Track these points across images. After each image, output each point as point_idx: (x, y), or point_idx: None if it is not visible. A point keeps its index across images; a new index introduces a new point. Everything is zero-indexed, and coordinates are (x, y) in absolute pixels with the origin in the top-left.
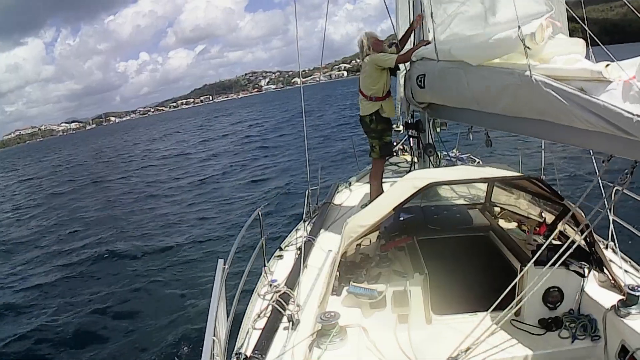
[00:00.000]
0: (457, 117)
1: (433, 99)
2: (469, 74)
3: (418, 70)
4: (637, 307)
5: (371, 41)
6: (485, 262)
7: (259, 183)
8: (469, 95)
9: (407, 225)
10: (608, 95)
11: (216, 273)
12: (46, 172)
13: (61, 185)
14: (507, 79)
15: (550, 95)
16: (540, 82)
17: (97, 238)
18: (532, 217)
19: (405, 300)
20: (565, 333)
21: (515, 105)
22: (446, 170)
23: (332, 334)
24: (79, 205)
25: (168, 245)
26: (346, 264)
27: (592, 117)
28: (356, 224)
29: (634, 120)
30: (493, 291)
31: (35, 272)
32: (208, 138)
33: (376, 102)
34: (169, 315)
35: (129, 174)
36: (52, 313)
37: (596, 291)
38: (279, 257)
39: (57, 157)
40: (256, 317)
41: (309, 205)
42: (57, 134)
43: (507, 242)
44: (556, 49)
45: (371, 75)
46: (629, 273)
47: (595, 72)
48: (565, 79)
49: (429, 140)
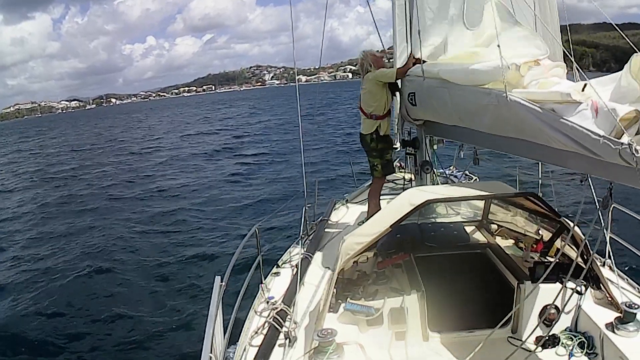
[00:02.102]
0: (449, 134)
1: (425, 116)
2: (452, 92)
3: (408, 88)
4: (633, 325)
5: (370, 58)
6: (482, 279)
7: (256, 199)
8: (454, 114)
9: (404, 243)
10: (578, 117)
11: (213, 290)
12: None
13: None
14: (486, 98)
15: (524, 116)
16: (514, 102)
17: (84, 251)
18: (529, 235)
19: (402, 318)
20: (562, 350)
21: (496, 124)
22: (443, 187)
23: (328, 351)
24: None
25: (163, 262)
26: (343, 281)
27: (562, 137)
28: (353, 242)
29: (600, 142)
30: (490, 308)
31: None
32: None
33: (376, 120)
34: (165, 332)
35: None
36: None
37: (593, 308)
38: (276, 274)
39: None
40: (253, 334)
41: (305, 223)
42: (56, 111)
43: (504, 260)
44: (535, 73)
45: (371, 91)
46: (626, 290)
47: (564, 94)
48: (540, 102)
49: (426, 157)
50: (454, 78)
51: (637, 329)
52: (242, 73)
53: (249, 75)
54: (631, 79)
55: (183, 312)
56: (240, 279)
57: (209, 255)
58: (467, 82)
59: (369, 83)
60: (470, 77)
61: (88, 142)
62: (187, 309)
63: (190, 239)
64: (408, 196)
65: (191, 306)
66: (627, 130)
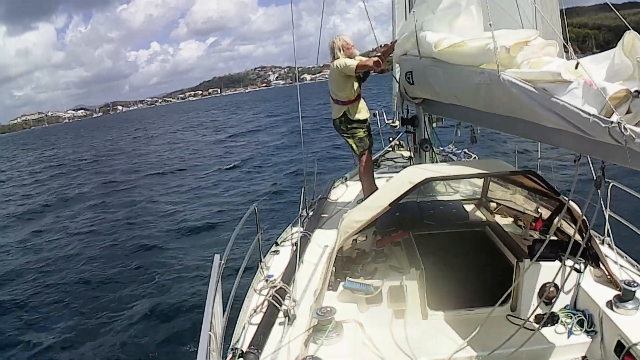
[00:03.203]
0: (447, 112)
1: (423, 95)
2: (446, 72)
3: (405, 66)
4: (633, 303)
5: (341, 44)
6: (481, 257)
7: (255, 178)
8: (449, 92)
9: (403, 221)
10: (569, 96)
11: (212, 268)
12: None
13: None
14: (478, 77)
15: (517, 95)
16: (507, 81)
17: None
18: (528, 213)
19: (401, 296)
20: (561, 328)
21: (490, 103)
22: (442, 165)
23: (328, 329)
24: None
25: (163, 240)
26: (342, 260)
27: (553, 116)
28: (352, 220)
29: (590, 120)
30: (489, 286)
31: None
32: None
33: (343, 105)
34: (164, 311)
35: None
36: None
37: (592, 287)
38: (275, 253)
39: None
40: (252, 312)
41: (305, 201)
42: (62, 120)
43: (503, 238)
44: (526, 53)
45: (336, 80)
46: (625, 268)
47: (555, 73)
48: (532, 81)
49: (425, 135)
50: (447, 58)
51: (636, 306)
52: (247, 75)
53: (253, 76)
54: (624, 57)
55: (182, 291)
56: (239, 258)
57: (208, 234)
58: (460, 62)
59: (334, 72)
60: (463, 58)
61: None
62: (186, 287)
63: (188, 219)
64: (407, 174)
65: (190, 285)
66: (618, 109)
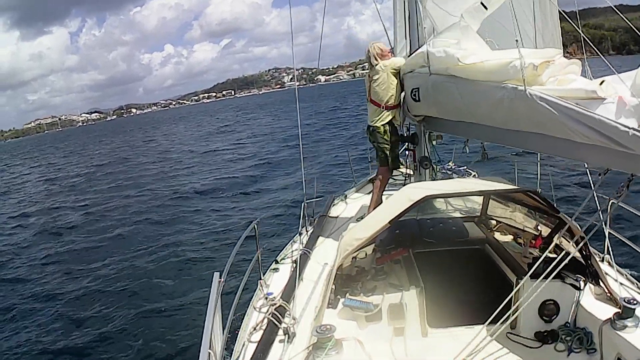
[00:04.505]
0: (454, 130)
1: (429, 112)
2: (461, 87)
3: (412, 83)
4: (632, 320)
5: (375, 51)
6: (481, 275)
7: (255, 195)
8: (464, 109)
9: (403, 238)
10: (603, 110)
11: (212, 286)
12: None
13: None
14: (500, 92)
15: (545, 108)
16: (534, 95)
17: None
18: (527, 230)
19: (401, 313)
20: (561, 346)
21: (510, 118)
22: (442, 183)
23: (327, 347)
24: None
25: (162, 258)
26: (342, 277)
27: (586, 130)
28: (352, 237)
29: (630, 133)
30: (489, 304)
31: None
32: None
33: (391, 110)
34: (164, 328)
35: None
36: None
37: (592, 304)
38: (275, 270)
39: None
40: (252, 330)
41: (305, 218)
42: (76, 124)
43: (503, 255)
44: (551, 70)
45: (386, 82)
46: (625, 286)
47: (590, 91)
48: (563, 97)
49: (425, 153)
50: (466, 74)
51: (635, 324)
52: (261, 76)
53: (267, 78)
54: None
55: (182, 309)
56: (239, 275)
57: (208, 252)
58: (481, 78)
59: (383, 73)
60: (485, 74)
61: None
62: (185, 305)
63: (188, 237)
64: (407, 192)
65: (190, 303)
66: None
